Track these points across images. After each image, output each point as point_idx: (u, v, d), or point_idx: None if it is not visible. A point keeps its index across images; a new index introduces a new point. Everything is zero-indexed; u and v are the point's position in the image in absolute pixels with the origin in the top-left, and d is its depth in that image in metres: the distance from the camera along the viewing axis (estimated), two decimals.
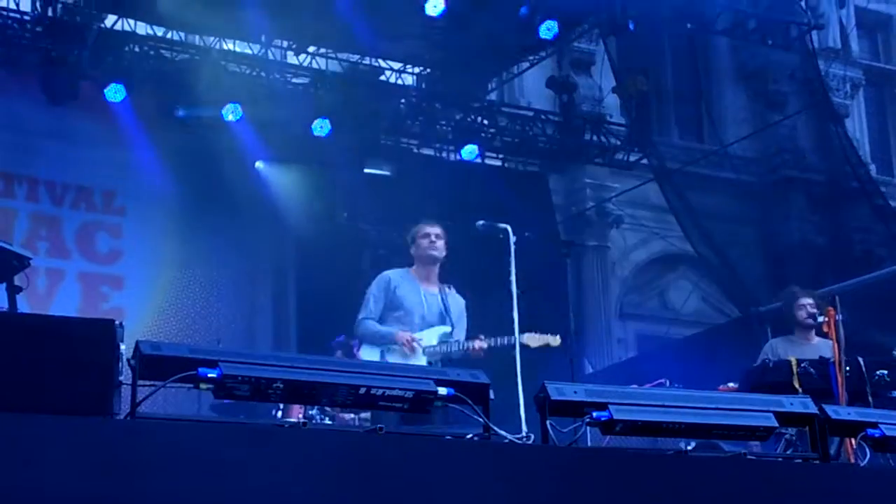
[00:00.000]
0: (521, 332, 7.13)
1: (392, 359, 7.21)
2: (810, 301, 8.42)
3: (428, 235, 7.58)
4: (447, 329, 7.44)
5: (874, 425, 5.07)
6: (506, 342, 7.29)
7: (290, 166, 13.70)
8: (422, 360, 7.23)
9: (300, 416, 8.16)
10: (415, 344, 7.24)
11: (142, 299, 12.97)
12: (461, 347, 7.32)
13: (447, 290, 7.61)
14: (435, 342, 7.38)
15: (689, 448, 4.80)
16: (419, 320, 7.41)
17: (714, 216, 16.25)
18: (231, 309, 13.37)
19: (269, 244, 13.87)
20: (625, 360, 16.35)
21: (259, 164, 13.63)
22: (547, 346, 7.32)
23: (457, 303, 7.61)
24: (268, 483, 3.87)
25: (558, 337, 7.33)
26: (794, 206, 18.01)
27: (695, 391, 5.33)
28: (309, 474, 3.96)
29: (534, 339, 7.28)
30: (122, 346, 4.07)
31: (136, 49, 12.77)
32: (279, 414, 8.72)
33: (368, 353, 7.34)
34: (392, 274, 7.57)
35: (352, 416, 8.57)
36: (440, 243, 7.58)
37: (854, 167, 16.49)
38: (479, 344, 7.28)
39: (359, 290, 8.76)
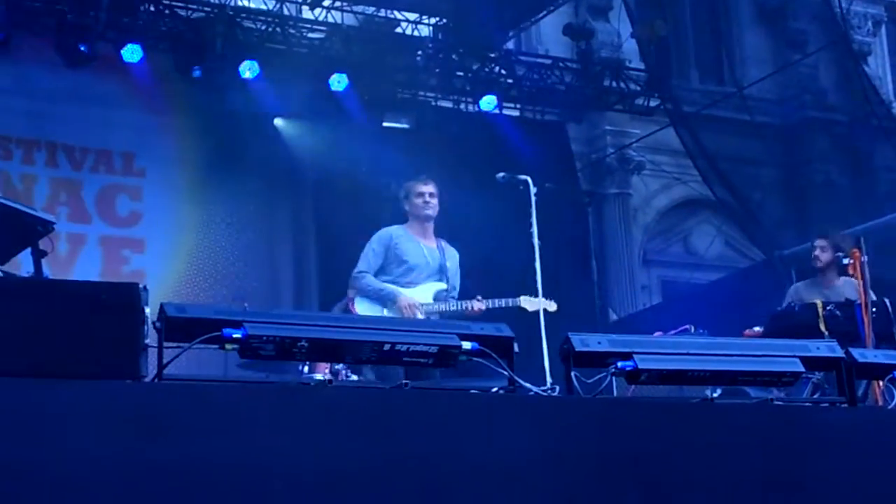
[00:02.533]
0: (542, 286, 7.14)
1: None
2: (820, 243, 8.37)
3: (422, 195, 7.66)
4: (443, 286, 7.53)
5: None
6: (503, 304, 7.35)
7: (308, 122, 13.67)
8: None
9: (326, 371, 8.18)
10: (415, 310, 7.28)
11: (163, 262, 13.00)
12: (459, 307, 7.38)
13: (442, 244, 7.70)
14: (430, 300, 7.45)
15: (714, 395, 4.79)
16: (422, 274, 7.50)
17: (735, 159, 16.14)
18: (253, 268, 13.38)
19: (289, 201, 13.87)
20: (649, 307, 16.33)
21: (277, 121, 13.59)
22: (544, 312, 7.36)
23: (452, 256, 7.70)
24: (295, 441, 3.90)
25: (554, 303, 7.37)
26: (817, 146, 17.86)
27: (719, 338, 5.32)
28: (335, 431, 3.99)
29: (531, 304, 7.36)
30: (147, 310, 4.08)
31: (152, 8, 12.72)
32: (306, 370, 8.75)
33: (367, 309, 7.37)
34: (393, 230, 7.67)
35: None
36: (434, 201, 7.66)
37: (875, 106, 16.34)
38: (478, 305, 7.39)
39: None
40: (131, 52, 12.37)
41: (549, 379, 6.40)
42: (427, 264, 7.54)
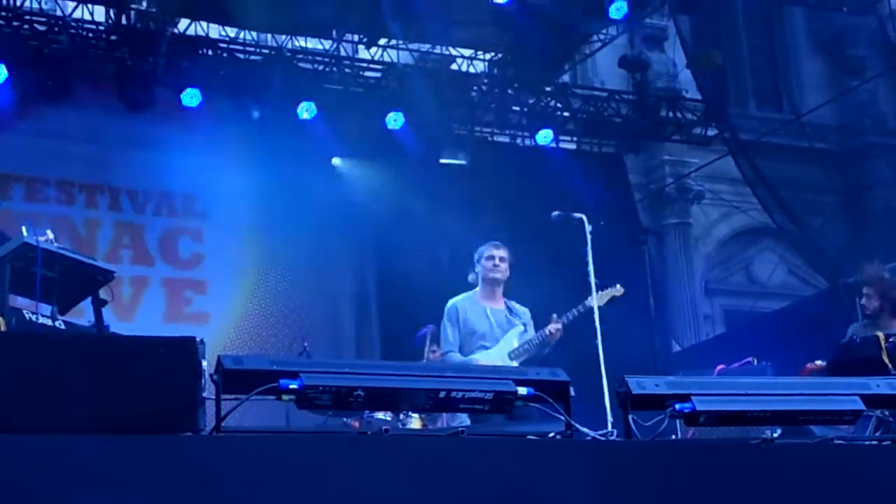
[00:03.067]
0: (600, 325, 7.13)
1: None
2: (866, 291, 8.23)
3: (492, 258, 7.80)
4: (520, 328, 7.66)
5: None
6: (576, 312, 7.47)
7: (365, 161, 13.77)
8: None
9: (388, 412, 8.22)
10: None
11: (225, 303, 13.12)
12: (540, 338, 7.46)
13: (511, 304, 7.85)
14: (516, 344, 7.57)
15: (775, 435, 4.74)
16: (491, 338, 7.63)
17: (794, 186, 16.04)
18: (314, 309, 13.45)
19: (349, 241, 13.94)
20: (712, 338, 16.22)
21: (335, 161, 13.70)
22: (613, 299, 7.42)
23: (523, 311, 7.85)
24: (353, 490, 3.91)
25: (619, 286, 7.42)
26: (877, 172, 17.69)
27: (779, 378, 5.27)
28: (393, 479, 4.00)
29: (600, 298, 7.44)
30: (205, 362, 4.13)
31: (210, 52, 12.91)
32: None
33: None
34: (458, 302, 7.81)
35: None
36: (504, 266, 7.80)
37: None
38: (555, 326, 7.55)
39: (439, 282, 8.84)
40: (191, 97, 12.55)
41: (609, 418, 6.37)
42: (497, 324, 7.69)
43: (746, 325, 16.01)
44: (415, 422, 8.60)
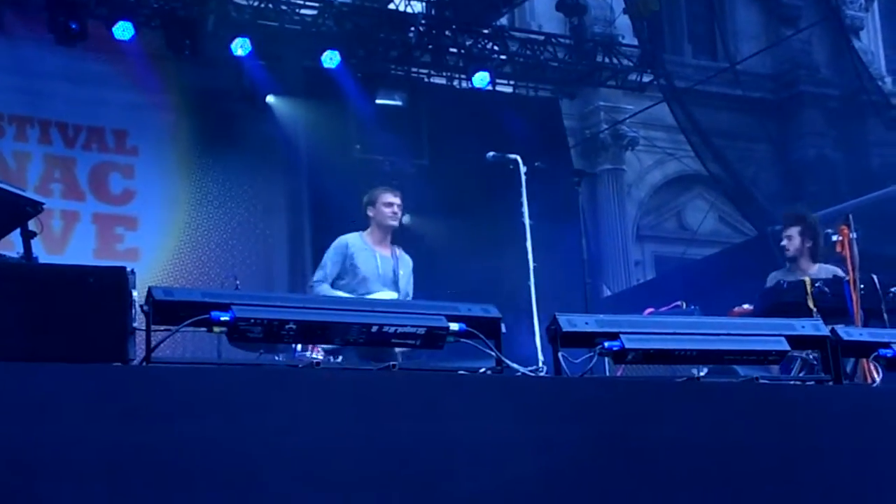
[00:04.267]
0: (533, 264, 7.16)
1: None
2: (787, 232, 8.36)
3: (391, 205, 7.81)
4: (394, 295, 7.64)
5: (886, 345, 5.09)
6: None
7: (301, 100, 13.64)
8: None
9: (319, 350, 8.22)
10: None
11: (156, 239, 13.00)
12: None
13: (398, 252, 7.84)
14: None
15: (701, 374, 4.82)
16: (372, 284, 7.64)
17: (728, 134, 16.20)
18: (247, 246, 13.39)
19: (283, 179, 13.86)
20: (642, 283, 16.39)
21: (270, 99, 13.57)
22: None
23: (406, 264, 7.86)
24: (283, 423, 3.93)
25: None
26: (809, 121, 17.89)
27: (706, 317, 5.35)
28: (324, 413, 4.02)
29: None
30: (135, 293, 4.10)
31: None
32: (299, 347, 8.78)
33: None
34: (350, 239, 7.81)
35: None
36: (399, 213, 7.84)
37: (865, 82, 16.36)
38: None
39: None
40: (122, 30, 12.32)
41: (540, 359, 6.42)
42: (380, 275, 7.70)
43: (676, 271, 16.20)
44: None
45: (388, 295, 7.63)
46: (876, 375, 5.25)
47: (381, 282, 7.68)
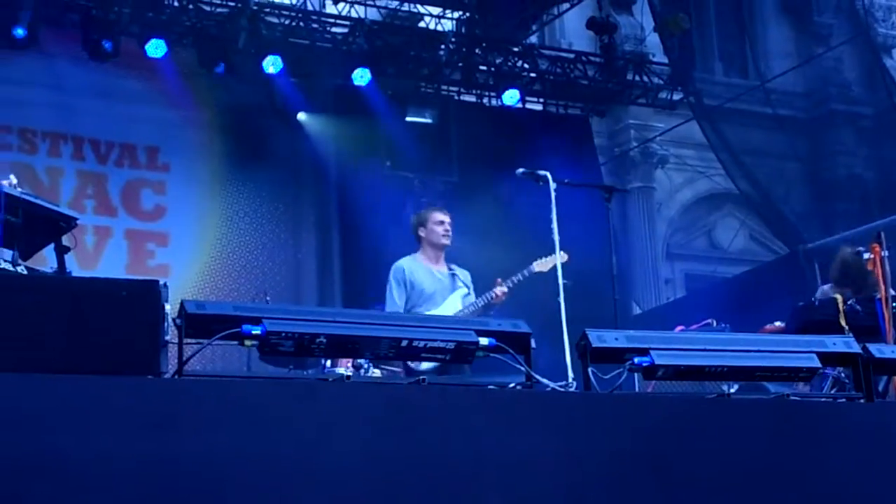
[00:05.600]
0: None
1: None
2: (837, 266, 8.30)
3: (442, 223, 7.83)
4: (465, 290, 7.73)
5: None
6: (521, 277, 7.60)
7: (331, 117, 13.71)
8: None
9: (349, 365, 8.25)
10: None
11: (187, 255, 13.10)
12: (485, 300, 7.59)
13: (453, 268, 7.88)
14: (460, 306, 7.66)
15: (731, 391, 4.81)
16: (439, 298, 7.68)
17: (759, 152, 16.13)
18: (276, 262, 13.48)
19: (313, 196, 13.94)
20: (672, 301, 16.33)
21: (301, 116, 13.65)
22: (554, 267, 7.43)
23: (465, 274, 7.89)
24: (314, 437, 3.94)
25: (564, 253, 7.44)
26: (841, 140, 17.81)
27: (737, 334, 5.33)
28: (354, 427, 4.03)
29: (542, 265, 7.54)
30: (167, 306, 4.13)
31: (176, 3, 12.79)
32: (328, 363, 8.81)
33: None
34: (404, 264, 7.81)
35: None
36: (450, 231, 7.84)
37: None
38: (500, 289, 7.60)
39: (401, 239, 8.85)
40: (155, 48, 12.44)
41: (570, 374, 6.41)
42: (444, 286, 7.75)
43: (706, 289, 16.12)
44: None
45: (458, 296, 7.71)
46: None
47: (441, 296, 7.71)
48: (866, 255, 7.50)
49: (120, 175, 13.21)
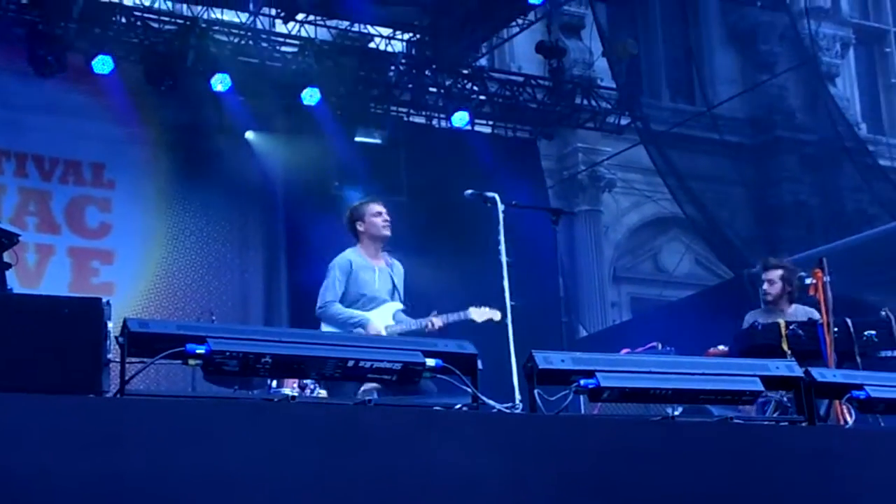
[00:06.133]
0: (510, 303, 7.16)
1: None
2: (768, 276, 8.46)
3: (380, 214, 7.69)
4: (400, 306, 7.63)
5: (859, 387, 5.11)
6: (456, 318, 7.49)
7: (280, 136, 13.67)
8: None
9: (294, 385, 8.19)
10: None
11: (132, 273, 12.96)
12: (419, 325, 7.50)
13: (389, 260, 7.76)
14: (391, 321, 7.57)
15: (675, 414, 4.83)
16: (379, 297, 7.58)
17: (705, 177, 16.31)
18: (223, 281, 13.38)
19: (260, 215, 13.85)
20: (618, 324, 16.41)
21: (249, 135, 13.58)
22: (490, 321, 7.40)
23: (399, 272, 7.78)
24: (258, 458, 3.90)
25: (499, 313, 7.39)
26: (786, 166, 18.04)
27: (682, 357, 5.36)
28: (299, 448, 3.99)
29: (478, 314, 7.44)
30: (110, 324, 4.09)
31: (123, 20, 12.71)
32: (273, 384, 8.75)
33: None
34: (350, 256, 7.68)
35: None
36: (389, 220, 7.70)
37: (840, 127, 16.54)
38: (437, 322, 7.47)
39: None
40: (102, 64, 12.35)
41: (517, 395, 6.42)
42: (382, 288, 7.64)
43: (652, 312, 16.23)
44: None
45: (393, 306, 7.61)
46: (849, 417, 5.28)
47: (384, 295, 7.61)
48: (808, 280, 7.60)
49: (64, 192, 13.05)
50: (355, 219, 7.74)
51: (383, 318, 7.55)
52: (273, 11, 13.76)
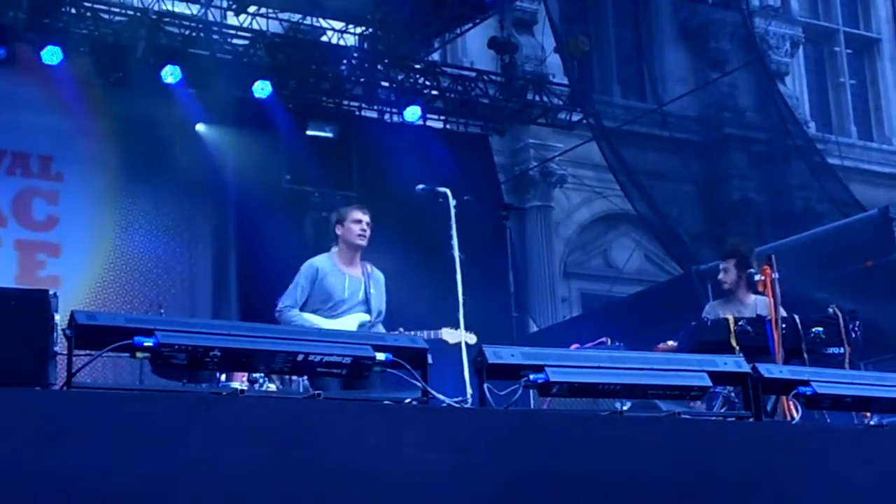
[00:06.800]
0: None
1: None
2: (723, 265, 8.47)
3: (359, 222, 7.60)
4: (367, 318, 7.52)
5: (806, 383, 5.18)
6: (428, 336, 7.36)
7: (230, 129, 13.57)
8: None
9: (244, 379, 8.14)
10: None
11: (80, 267, 12.81)
12: None
13: (368, 269, 7.68)
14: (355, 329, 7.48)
15: (624, 408, 4.86)
16: (346, 305, 7.50)
17: (655, 174, 16.39)
18: (171, 275, 13.26)
19: (210, 209, 13.75)
20: (568, 319, 16.46)
21: (199, 127, 13.48)
22: (463, 343, 7.36)
23: (378, 281, 7.69)
24: (206, 451, 3.89)
25: (474, 336, 7.37)
26: (735, 163, 18.17)
27: (631, 352, 5.40)
28: (247, 441, 3.98)
29: (451, 336, 7.40)
30: (57, 317, 4.05)
31: (73, 10, 12.56)
32: (223, 377, 8.69)
33: None
34: (319, 263, 7.61)
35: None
36: (368, 231, 7.62)
37: (789, 125, 16.70)
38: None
39: (302, 254, 8.77)
40: (51, 55, 12.20)
41: (468, 389, 6.42)
42: (351, 297, 7.53)
43: (602, 308, 16.31)
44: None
45: (359, 317, 7.50)
46: (795, 413, 5.33)
47: (352, 303, 7.52)
48: (757, 277, 7.67)
49: (11, 184, 12.87)
50: (337, 222, 7.67)
51: (346, 327, 7.47)
52: (224, 3, 13.67)
